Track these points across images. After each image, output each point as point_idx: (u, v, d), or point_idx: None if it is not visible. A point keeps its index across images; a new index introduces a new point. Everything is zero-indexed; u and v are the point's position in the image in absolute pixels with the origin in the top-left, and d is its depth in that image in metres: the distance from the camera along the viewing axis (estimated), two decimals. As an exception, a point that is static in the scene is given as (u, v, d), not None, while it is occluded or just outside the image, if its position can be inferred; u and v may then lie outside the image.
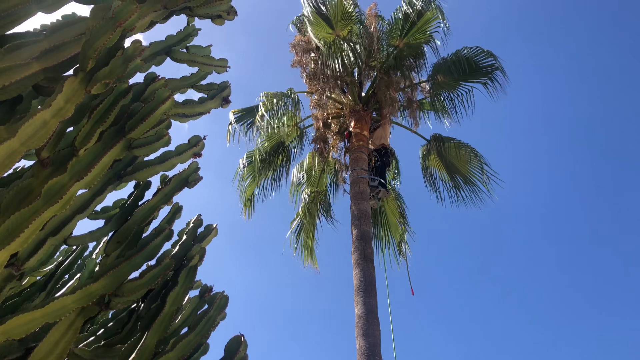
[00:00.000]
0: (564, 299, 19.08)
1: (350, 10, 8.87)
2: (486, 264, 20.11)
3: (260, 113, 8.59)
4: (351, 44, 8.85)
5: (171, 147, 2.48)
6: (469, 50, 8.89)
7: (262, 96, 8.87)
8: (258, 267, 20.83)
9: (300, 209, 10.01)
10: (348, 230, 8.18)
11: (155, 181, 2.58)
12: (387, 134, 9.30)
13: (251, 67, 18.12)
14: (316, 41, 8.91)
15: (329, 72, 8.84)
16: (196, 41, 3.02)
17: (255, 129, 8.93)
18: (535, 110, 18.98)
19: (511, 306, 19.63)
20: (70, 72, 1.91)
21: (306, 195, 9.89)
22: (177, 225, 2.57)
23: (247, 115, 9.55)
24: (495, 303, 19.63)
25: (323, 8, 8.91)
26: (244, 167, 9.92)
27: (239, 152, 9.76)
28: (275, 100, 8.71)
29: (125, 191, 2.54)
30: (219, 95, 2.93)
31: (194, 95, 2.96)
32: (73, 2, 2.14)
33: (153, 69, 2.71)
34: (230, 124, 9.43)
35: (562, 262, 19.33)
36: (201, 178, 2.62)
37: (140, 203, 2.48)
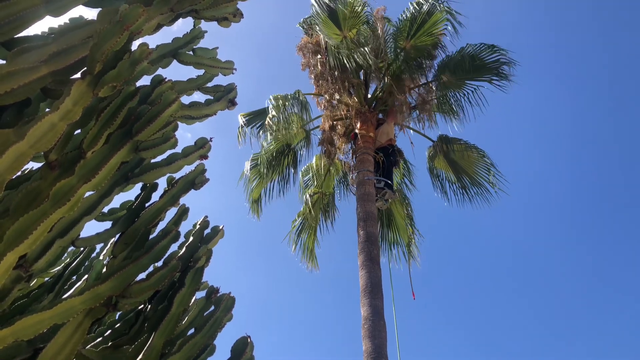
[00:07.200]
0: (573, 302, 18.97)
1: (358, 10, 8.85)
2: (494, 265, 20.03)
3: (270, 115, 8.58)
4: (359, 45, 8.84)
5: (178, 149, 2.49)
6: (472, 47, 8.84)
7: (272, 99, 8.87)
8: (264, 268, 20.86)
9: (302, 209, 10.02)
10: (355, 232, 8.18)
11: (162, 183, 2.59)
12: (392, 130, 9.26)
13: (253, 73, 18.16)
14: (325, 39, 8.89)
15: (336, 74, 8.83)
16: (202, 44, 3.03)
17: (264, 131, 8.94)
18: (543, 107, 18.88)
19: (519, 307, 19.53)
20: (78, 75, 1.92)
21: (309, 196, 9.89)
22: (184, 227, 2.58)
23: (256, 118, 9.54)
24: (503, 304, 19.54)
25: (332, 7, 8.89)
26: (250, 169, 9.93)
27: (245, 153, 9.80)
28: (285, 103, 8.71)
29: (132, 193, 2.55)
30: (225, 97, 2.93)
31: (200, 97, 2.97)
32: (81, 6, 2.15)
33: (160, 71, 2.72)
34: (241, 127, 9.42)
35: (571, 264, 19.21)
36: (208, 180, 2.63)
37: (147, 205, 2.49)
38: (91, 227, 2.41)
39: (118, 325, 2.40)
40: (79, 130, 2.06)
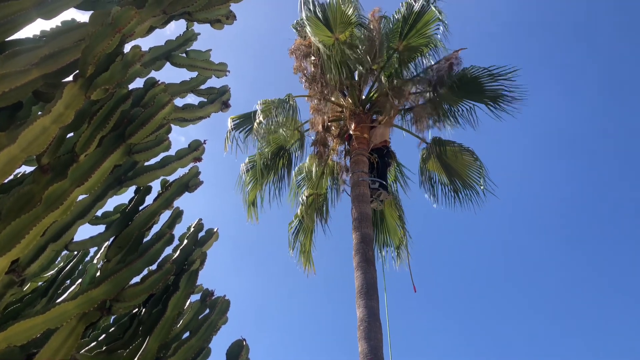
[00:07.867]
0: (572, 301, 19.07)
1: (349, 13, 8.86)
2: (492, 265, 20.09)
3: (258, 120, 8.57)
4: (351, 47, 8.84)
5: (171, 152, 2.48)
6: (476, 70, 8.78)
7: (260, 104, 8.86)
8: (259, 271, 20.82)
9: (298, 211, 10.02)
10: (350, 233, 8.19)
11: (156, 186, 2.58)
12: (387, 131, 9.27)
13: (247, 76, 18.14)
14: (316, 43, 8.90)
15: (328, 76, 8.83)
16: (195, 46, 3.02)
17: (253, 135, 8.95)
18: (539, 114, 18.97)
19: (518, 308, 19.61)
20: (70, 78, 1.91)
21: (304, 197, 9.89)
22: (178, 230, 2.57)
23: (245, 122, 9.51)
24: (501, 305, 19.60)
25: (321, 11, 8.89)
26: (246, 172, 9.91)
27: (240, 156, 9.75)
28: (273, 107, 8.70)
29: (125, 196, 2.54)
30: (219, 99, 2.93)
31: (193, 99, 2.96)
32: (73, 9, 2.14)
33: (153, 74, 2.70)
34: (229, 130, 9.40)
35: (570, 264, 19.27)
36: (202, 182, 2.62)
37: (141, 208, 2.48)
38: (84, 231, 2.40)
39: (112, 329, 2.39)
40: (71, 134, 2.05)
